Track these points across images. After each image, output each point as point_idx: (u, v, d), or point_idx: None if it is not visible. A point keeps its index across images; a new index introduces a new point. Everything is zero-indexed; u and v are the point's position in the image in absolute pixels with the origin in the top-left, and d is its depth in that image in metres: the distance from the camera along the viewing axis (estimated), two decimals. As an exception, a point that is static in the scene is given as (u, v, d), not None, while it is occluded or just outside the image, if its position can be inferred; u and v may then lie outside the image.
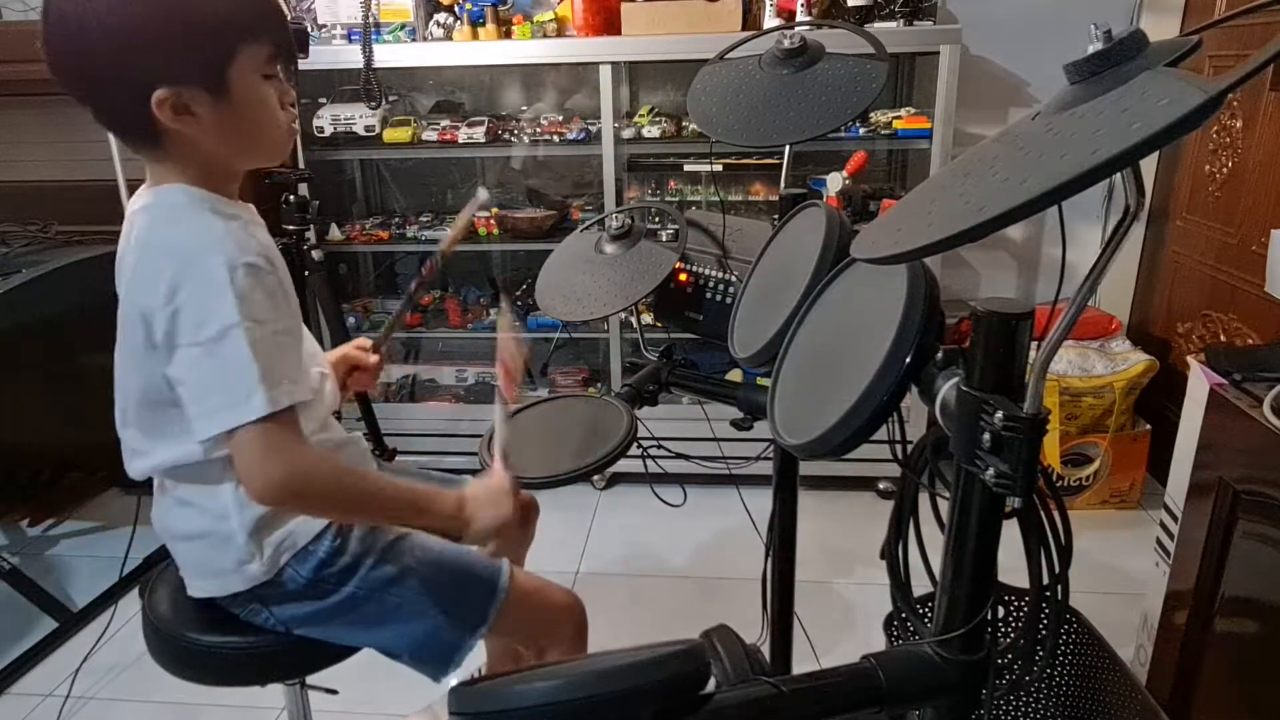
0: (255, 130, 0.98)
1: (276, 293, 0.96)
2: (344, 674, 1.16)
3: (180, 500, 1.07)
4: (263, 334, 0.91)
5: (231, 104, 0.94)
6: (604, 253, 1.31)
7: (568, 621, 1.22)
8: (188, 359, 0.92)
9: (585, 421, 1.23)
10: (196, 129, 0.94)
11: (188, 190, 0.97)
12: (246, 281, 0.91)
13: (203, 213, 0.96)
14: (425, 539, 1.17)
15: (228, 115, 0.94)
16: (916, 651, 0.76)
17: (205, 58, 0.91)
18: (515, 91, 2.77)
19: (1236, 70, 0.44)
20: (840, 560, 2.22)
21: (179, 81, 0.90)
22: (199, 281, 0.91)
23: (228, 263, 0.91)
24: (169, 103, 0.90)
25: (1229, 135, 2.16)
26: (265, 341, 0.91)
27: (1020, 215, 0.47)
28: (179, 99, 0.91)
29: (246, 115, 0.96)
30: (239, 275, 0.91)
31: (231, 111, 0.94)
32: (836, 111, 1.16)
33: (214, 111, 0.93)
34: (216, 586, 1.08)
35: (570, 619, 1.22)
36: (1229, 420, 1.28)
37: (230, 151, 0.99)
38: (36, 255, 2.08)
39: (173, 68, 0.90)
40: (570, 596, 1.24)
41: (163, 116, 0.91)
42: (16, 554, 2.33)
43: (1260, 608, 1.28)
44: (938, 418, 0.70)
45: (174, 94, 0.90)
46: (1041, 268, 2.81)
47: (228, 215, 0.98)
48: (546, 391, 2.71)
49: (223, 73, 0.92)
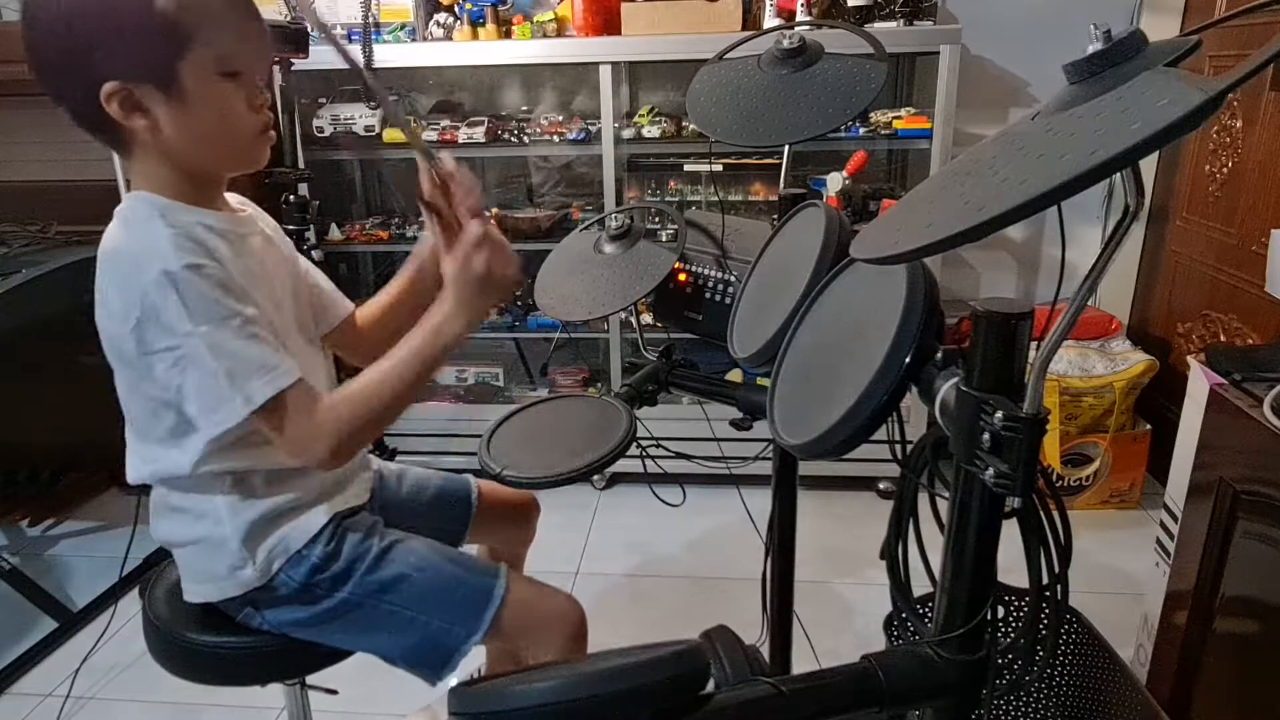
0: (216, 133, 0.95)
1: (228, 285, 0.92)
2: (344, 674, 1.16)
3: (173, 507, 1.07)
4: (219, 334, 0.89)
5: (186, 103, 0.91)
6: (603, 253, 1.31)
7: (565, 628, 1.18)
8: (161, 369, 0.91)
9: (585, 421, 1.23)
10: (153, 129, 0.92)
11: (147, 199, 0.96)
12: (189, 285, 0.89)
13: (151, 221, 0.93)
14: (421, 544, 1.16)
15: (183, 115, 0.92)
16: (916, 651, 0.76)
17: (153, 52, 0.89)
18: (515, 91, 2.77)
19: (1236, 70, 0.44)
20: (840, 560, 2.22)
21: (128, 76, 0.89)
22: (144, 294, 0.89)
23: (165, 271, 0.88)
24: (118, 98, 0.89)
25: (1229, 135, 2.16)
26: (225, 342, 0.90)
27: (1020, 215, 0.47)
28: (129, 95, 0.89)
29: (203, 116, 0.93)
30: (180, 280, 0.88)
31: (187, 111, 0.92)
32: (836, 111, 1.16)
33: (168, 110, 0.91)
34: (211, 591, 1.08)
35: (568, 625, 1.18)
36: (1229, 420, 1.28)
37: (193, 155, 0.96)
38: (36, 255, 2.09)
39: (119, 61, 0.88)
40: (569, 602, 1.20)
41: (113, 112, 0.89)
42: (16, 554, 2.33)
43: (1260, 608, 1.28)
44: (937, 418, 0.70)
45: (123, 89, 0.89)
46: (1041, 268, 2.81)
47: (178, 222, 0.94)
48: (546, 391, 2.72)
49: (173, 69, 0.89)
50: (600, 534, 2.40)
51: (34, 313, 1.94)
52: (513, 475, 1.09)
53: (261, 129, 0.98)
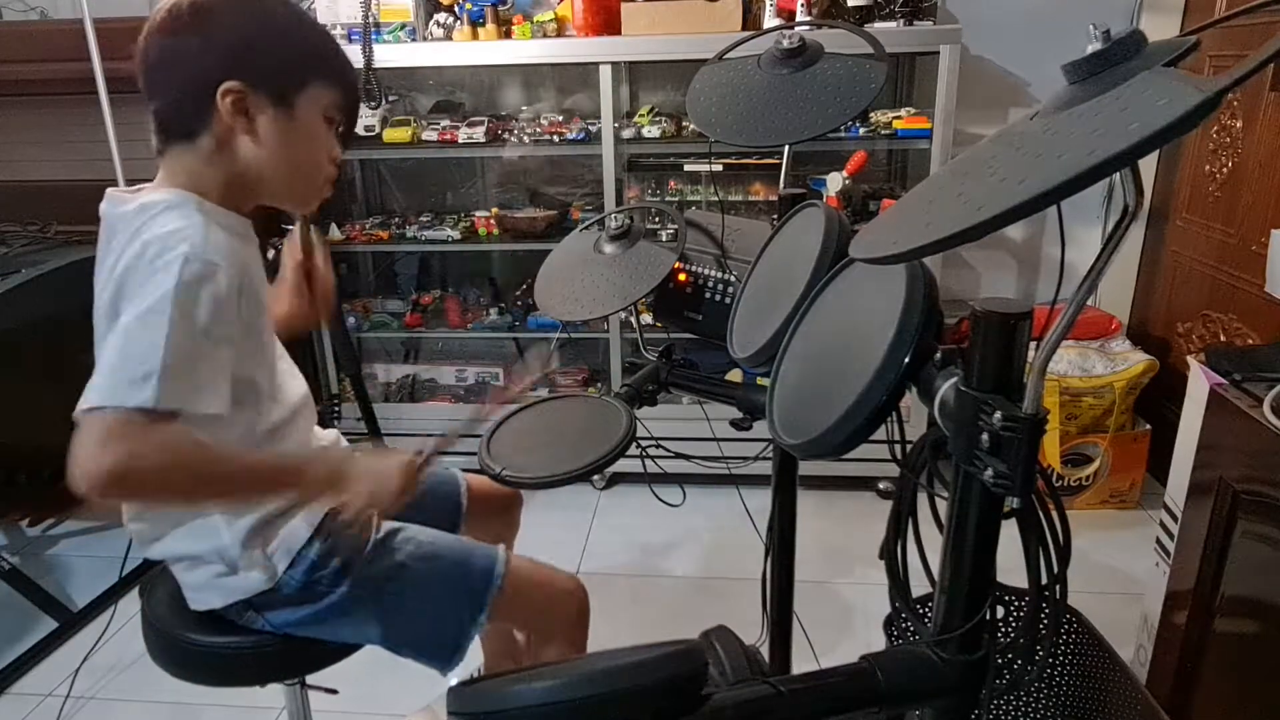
0: (299, 162, 1.00)
1: (228, 300, 0.92)
2: (344, 674, 1.16)
3: (173, 521, 1.07)
4: (188, 330, 0.87)
5: (290, 124, 0.97)
6: (603, 253, 1.31)
7: (569, 606, 1.23)
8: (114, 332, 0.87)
9: (585, 421, 1.23)
10: (247, 134, 0.96)
11: (182, 194, 0.97)
12: (196, 276, 0.88)
13: (188, 210, 0.95)
14: (418, 532, 1.17)
15: (281, 133, 0.97)
16: (915, 652, 0.76)
17: (283, 71, 0.96)
18: (515, 91, 2.77)
19: (1235, 70, 0.44)
20: (840, 560, 2.22)
21: (251, 81, 0.94)
22: (154, 258, 0.89)
23: (189, 252, 0.88)
24: (233, 95, 0.93)
25: (1229, 135, 2.16)
26: (187, 338, 0.87)
27: (1019, 215, 0.47)
28: (244, 97, 0.94)
29: (297, 142, 0.99)
30: (192, 267, 0.88)
31: (286, 131, 0.97)
32: (836, 111, 1.16)
33: (271, 124, 0.96)
34: (216, 599, 1.09)
35: (571, 603, 1.23)
36: (1229, 420, 1.28)
37: (267, 170, 0.99)
38: (36, 255, 2.09)
39: (251, 67, 0.94)
40: (572, 582, 1.25)
41: (223, 108, 0.94)
42: (16, 554, 2.34)
43: (1260, 608, 1.28)
44: (936, 418, 0.70)
45: (241, 90, 0.94)
46: (1041, 268, 2.81)
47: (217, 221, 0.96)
48: (546, 391, 2.72)
49: (292, 90, 0.97)
50: (600, 534, 2.40)
51: (34, 313, 1.95)
52: (513, 475, 1.09)
53: (329, 179, 1.05)
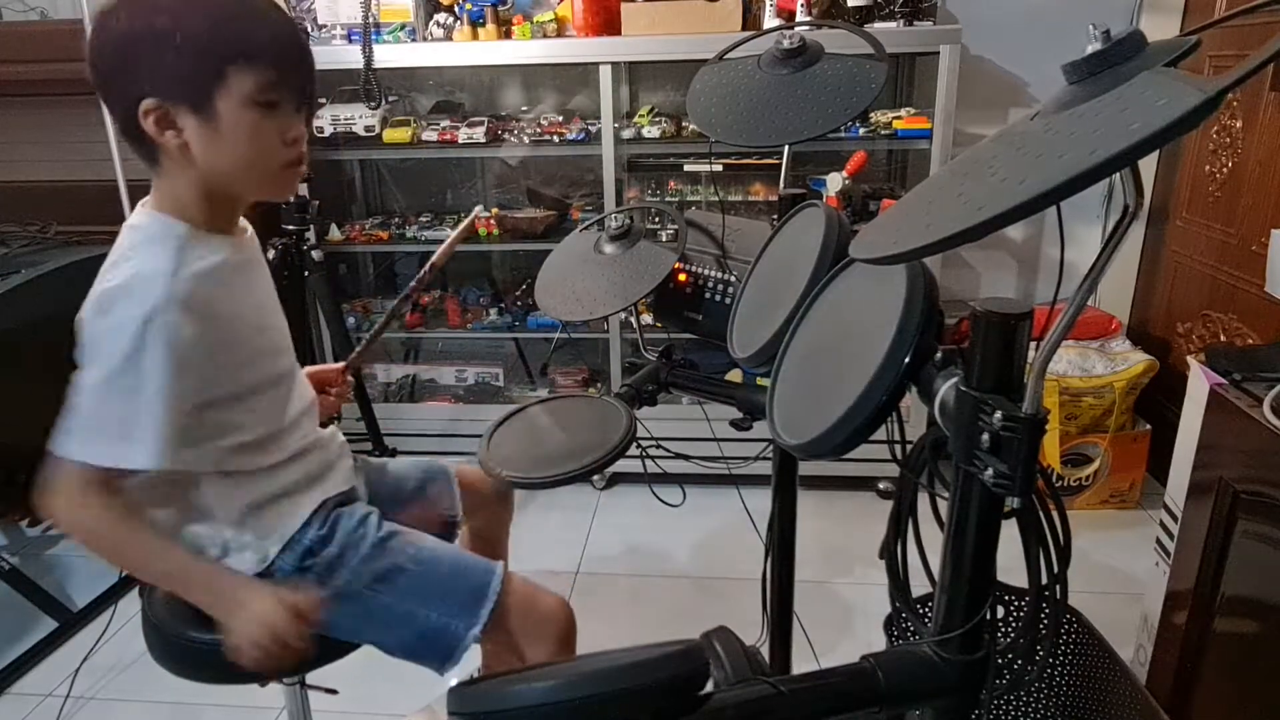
0: (242, 159, 0.97)
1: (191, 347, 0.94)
2: (344, 674, 1.16)
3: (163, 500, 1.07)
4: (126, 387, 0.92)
5: (216, 127, 0.94)
6: (603, 253, 1.31)
7: (557, 627, 1.19)
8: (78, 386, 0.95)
9: (585, 421, 1.23)
10: (183, 148, 0.95)
11: (165, 221, 0.98)
12: (155, 336, 0.91)
13: (165, 247, 0.96)
14: (419, 538, 1.17)
15: (212, 138, 0.94)
16: (916, 651, 0.76)
17: (192, 75, 0.91)
18: (515, 91, 2.77)
19: (1235, 70, 0.44)
20: (840, 560, 2.22)
21: (166, 95, 0.92)
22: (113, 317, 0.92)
23: (146, 315, 0.91)
24: (153, 115, 0.92)
25: (1229, 135, 2.16)
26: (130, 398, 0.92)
27: (1019, 215, 0.47)
28: (165, 114, 0.92)
29: (231, 141, 0.95)
30: (151, 329, 0.91)
31: (216, 135, 0.94)
32: (836, 112, 1.16)
33: (200, 133, 0.94)
34: None
35: (560, 625, 1.19)
36: (1229, 420, 1.28)
37: (219, 177, 0.98)
38: (36, 255, 2.08)
39: (160, 80, 0.91)
40: (561, 604, 1.20)
41: (148, 127, 0.92)
42: (16, 554, 2.33)
43: (1260, 608, 1.28)
44: (936, 418, 0.70)
45: (159, 106, 0.92)
46: (1041, 268, 2.81)
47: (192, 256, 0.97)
48: (546, 391, 2.72)
49: (209, 93, 0.92)
50: (600, 534, 2.40)
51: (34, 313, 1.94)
52: (513, 475, 1.09)
53: (290, 162, 1.00)
